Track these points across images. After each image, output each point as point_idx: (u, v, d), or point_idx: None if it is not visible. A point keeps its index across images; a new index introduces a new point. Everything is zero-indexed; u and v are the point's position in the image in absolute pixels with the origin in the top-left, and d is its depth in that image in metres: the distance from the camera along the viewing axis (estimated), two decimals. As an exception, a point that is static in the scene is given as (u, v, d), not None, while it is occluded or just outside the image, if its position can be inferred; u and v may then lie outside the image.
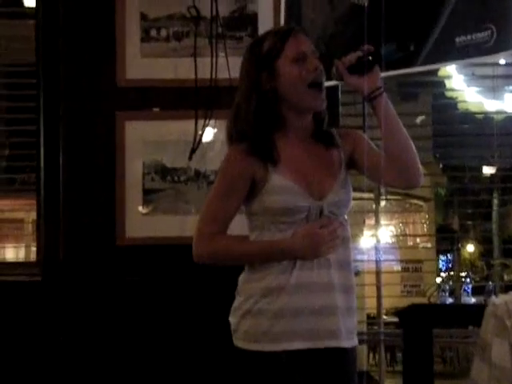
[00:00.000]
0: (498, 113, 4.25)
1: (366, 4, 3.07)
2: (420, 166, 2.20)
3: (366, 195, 4.74)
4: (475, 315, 2.17)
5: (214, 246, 2.23)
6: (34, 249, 3.72)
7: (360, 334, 4.45)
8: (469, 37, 2.82)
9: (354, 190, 2.40)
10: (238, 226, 2.26)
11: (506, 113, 4.28)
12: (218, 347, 2.32)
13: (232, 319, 2.25)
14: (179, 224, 3.37)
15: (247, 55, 2.29)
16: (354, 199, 2.39)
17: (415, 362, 2.46)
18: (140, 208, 3.44)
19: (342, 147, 2.29)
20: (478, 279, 12.82)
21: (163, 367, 3.35)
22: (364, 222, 7.93)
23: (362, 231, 8.81)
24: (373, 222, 4.45)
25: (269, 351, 2.15)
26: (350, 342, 2.22)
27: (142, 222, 3.43)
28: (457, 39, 2.86)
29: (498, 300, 2.08)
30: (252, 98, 2.21)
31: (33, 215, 3.72)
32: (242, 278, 2.27)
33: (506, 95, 4.17)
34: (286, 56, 2.21)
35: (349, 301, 2.22)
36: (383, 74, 2.38)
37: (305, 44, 2.24)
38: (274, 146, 2.21)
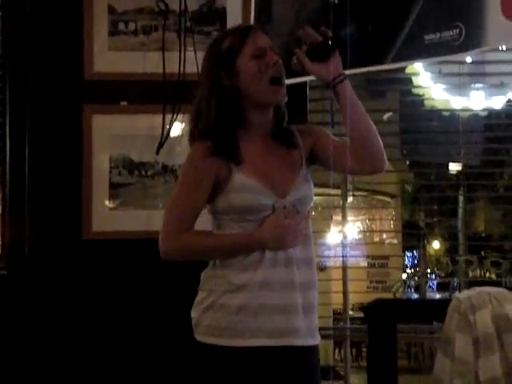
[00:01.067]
0: (463, 110, 4.29)
1: (335, 1, 3.08)
2: (384, 151, 2.23)
3: (333, 191, 4.76)
4: (439, 310, 2.19)
5: (183, 243, 2.24)
6: (-2, 242, 3.69)
7: (326, 329, 4.48)
8: (438, 35, 2.84)
9: (321, 185, 2.42)
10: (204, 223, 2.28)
11: (471, 110, 4.32)
12: (183, 341, 2.31)
13: (194, 313, 2.26)
14: (146, 218, 3.36)
15: (207, 54, 2.31)
16: (321, 195, 2.41)
17: (380, 356, 2.47)
18: (107, 202, 3.42)
19: (302, 144, 2.30)
20: (442, 275, 12.92)
21: (128, 360, 3.34)
22: (331, 217, 7.96)
23: (328, 227, 8.82)
24: (340, 218, 4.46)
25: (228, 346, 2.16)
26: (311, 339, 2.22)
27: (108, 216, 3.41)
28: (426, 37, 2.87)
29: (461, 295, 2.10)
30: (213, 96, 2.23)
31: (-2, 209, 3.69)
32: (204, 273, 2.28)
33: (472, 93, 4.21)
34: (245, 53, 2.22)
35: (310, 298, 2.22)
36: (353, 71, 2.39)
37: (263, 40, 2.25)
38: (237, 145, 2.22)
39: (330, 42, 2.19)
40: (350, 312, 6.07)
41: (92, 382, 3.34)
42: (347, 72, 2.26)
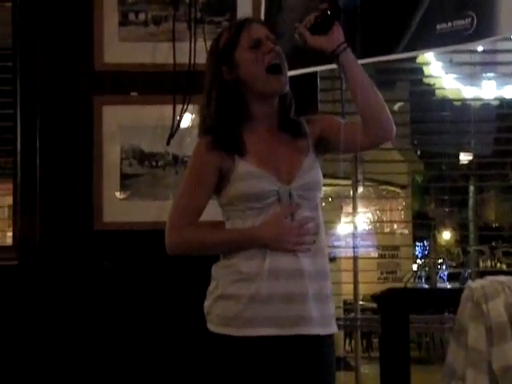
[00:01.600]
0: (475, 99, 4.26)
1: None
2: (391, 119, 2.22)
3: (343, 182, 4.75)
4: (452, 299, 2.18)
5: (185, 238, 2.26)
6: (10, 233, 3.70)
7: (336, 319, 4.48)
8: (449, 24, 2.83)
9: (332, 176, 2.41)
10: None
11: (483, 100, 4.29)
12: (195, 332, 2.31)
13: (206, 303, 2.26)
14: (157, 209, 3.36)
15: (208, 52, 2.37)
16: (332, 185, 2.40)
17: (392, 346, 2.47)
18: (117, 193, 3.43)
19: (310, 132, 2.29)
20: (453, 265, 12.90)
21: (140, 351, 3.35)
22: (341, 208, 7.95)
23: (339, 218, 8.81)
24: (350, 208, 4.46)
25: (239, 336, 2.16)
26: (324, 329, 2.19)
27: (119, 206, 3.42)
28: (438, 26, 2.86)
29: (474, 284, 2.09)
30: (214, 91, 2.26)
31: (9, 200, 3.69)
32: (216, 263, 2.28)
33: (484, 82, 4.18)
34: (242, 45, 2.25)
35: (322, 287, 2.20)
36: (364, 61, 2.38)
37: (258, 31, 2.27)
38: (240, 138, 2.24)
39: (328, 13, 2.21)
40: (361, 302, 6.08)
41: (104, 373, 3.35)
42: (360, 62, 2.26)
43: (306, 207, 2.22)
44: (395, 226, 12.02)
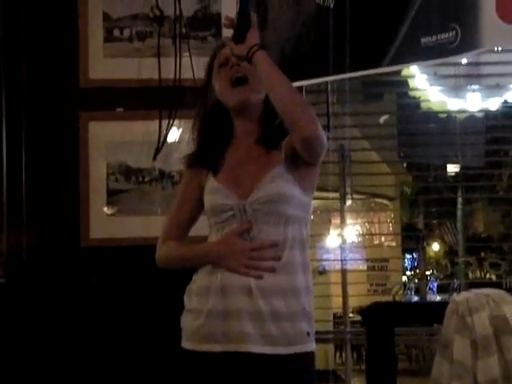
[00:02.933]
0: (460, 112, 4.29)
1: (331, 6, 3.08)
2: (312, 116, 2.10)
3: (331, 195, 4.76)
4: (437, 312, 2.18)
5: (167, 252, 2.34)
6: (-4, 251, 3.68)
7: (326, 333, 4.48)
8: (434, 37, 2.84)
9: (320, 189, 2.39)
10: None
11: (468, 112, 4.32)
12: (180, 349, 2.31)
13: None
14: (144, 225, 3.36)
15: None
16: (320, 199, 2.37)
17: (378, 359, 2.47)
18: (104, 209, 3.42)
19: (286, 143, 2.23)
20: (441, 277, 12.89)
21: (128, 366, 3.33)
22: (330, 221, 7.95)
23: (328, 231, 8.82)
24: (338, 221, 4.46)
25: (189, 349, 2.20)
26: (269, 348, 2.10)
27: (106, 222, 3.41)
28: (422, 40, 2.88)
29: (458, 297, 2.10)
30: (200, 111, 2.34)
31: (-5, 217, 3.68)
32: None
33: (468, 94, 4.20)
34: (215, 66, 2.31)
35: (279, 305, 2.11)
36: (350, 75, 2.38)
37: (228, 50, 2.27)
38: (217, 156, 2.28)
39: (240, 19, 2.23)
40: (351, 315, 6.08)
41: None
42: (344, 76, 2.27)
43: (269, 222, 2.16)
44: (383, 239, 12.02)
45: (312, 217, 2.32)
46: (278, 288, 2.12)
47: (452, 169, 10.94)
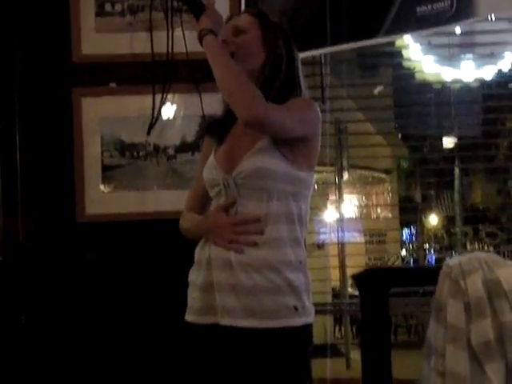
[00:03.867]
0: (454, 82, 4.28)
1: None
2: (250, 99, 2.11)
3: (329, 169, 4.76)
4: (430, 277, 2.19)
5: (182, 224, 2.39)
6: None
7: (324, 304, 4.50)
8: (429, 6, 2.84)
9: (317, 164, 2.37)
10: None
11: (462, 81, 4.31)
12: (180, 322, 2.31)
13: None
14: (139, 200, 3.35)
15: None
16: (317, 173, 2.35)
17: (373, 323, 2.48)
18: (99, 185, 3.41)
19: None
20: (439, 249, 12.92)
21: (125, 342, 3.34)
22: (327, 196, 7.97)
23: (325, 205, 8.84)
24: (336, 196, 4.48)
25: (188, 322, 2.25)
26: (250, 321, 2.11)
27: (101, 198, 3.40)
28: (418, 9, 2.87)
29: (451, 261, 2.10)
30: None
31: (-9, 195, 3.68)
32: None
33: (463, 64, 4.19)
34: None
35: (257, 279, 2.11)
36: (346, 46, 2.38)
37: (227, 27, 2.30)
38: (224, 127, 2.31)
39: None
40: (349, 289, 6.10)
41: (89, 366, 3.34)
42: (341, 47, 2.27)
43: (252, 197, 2.16)
44: (379, 210, 12.04)
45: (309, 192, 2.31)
46: (259, 262, 2.13)
47: (448, 142, 10.93)
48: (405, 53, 4.21)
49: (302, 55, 3.21)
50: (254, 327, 2.11)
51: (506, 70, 4.27)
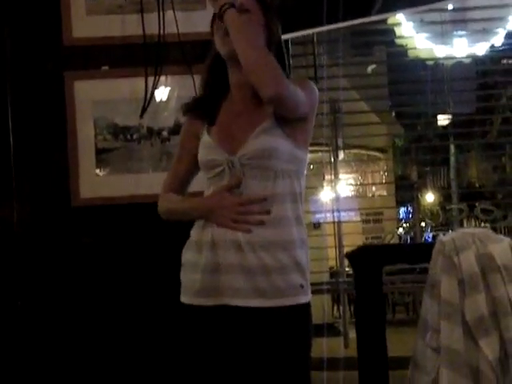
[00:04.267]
0: (448, 58, 4.26)
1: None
2: (275, 77, 2.10)
3: (324, 148, 4.76)
4: (423, 254, 2.20)
5: (163, 205, 2.38)
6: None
7: (321, 283, 4.51)
8: (421, -17, 2.83)
9: (312, 143, 2.38)
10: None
11: (455, 58, 4.30)
12: (175, 305, 2.32)
13: None
14: (134, 182, 3.35)
15: None
16: (312, 152, 2.36)
17: (367, 302, 2.49)
18: (93, 168, 3.41)
19: None
20: (435, 226, 12.95)
21: (121, 326, 3.34)
22: (323, 176, 7.97)
23: (321, 185, 8.85)
24: (332, 176, 4.48)
25: (187, 304, 2.24)
26: (259, 301, 2.12)
27: (95, 181, 3.39)
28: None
29: (445, 238, 2.11)
30: (207, 62, 2.37)
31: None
32: None
33: (455, 40, 4.17)
34: (212, 17, 2.32)
35: (263, 259, 2.12)
36: (339, 25, 2.38)
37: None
38: (215, 105, 2.30)
39: None
40: (347, 269, 6.11)
41: (86, 350, 3.35)
42: (336, 26, 2.27)
43: (258, 177, 2.17)
44: (373, 188, 12.07)
45: (305, 171, 2.32)
46: (267, 242, 2.14)
47: (443, 119, 10.92)
48: (397, 30, 4.19)
49: (295, 34, 3.22)
50: (263, 306, 2.12)
51: (498, 45, 4.26)
